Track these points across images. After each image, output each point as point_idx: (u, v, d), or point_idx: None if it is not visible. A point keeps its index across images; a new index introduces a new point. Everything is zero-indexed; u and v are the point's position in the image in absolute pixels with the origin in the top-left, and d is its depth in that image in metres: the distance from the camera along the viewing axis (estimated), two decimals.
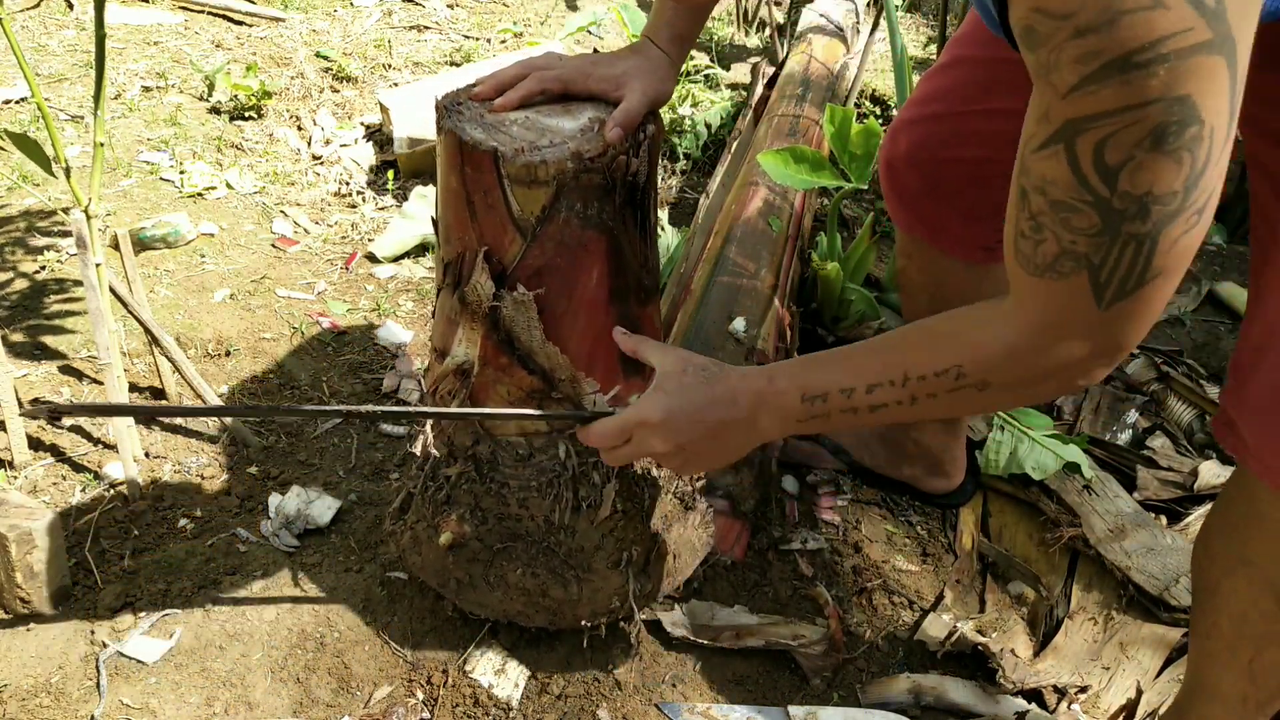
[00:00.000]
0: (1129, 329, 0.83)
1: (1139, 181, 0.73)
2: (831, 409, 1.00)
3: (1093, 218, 0.76)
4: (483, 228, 1.11)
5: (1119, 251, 0.77)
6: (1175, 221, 0.75)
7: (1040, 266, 0.82)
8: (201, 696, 1.35)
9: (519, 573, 1.29)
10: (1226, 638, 1.12)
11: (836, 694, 1.43)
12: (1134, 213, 0.75)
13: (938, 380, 0.94)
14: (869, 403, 0.98)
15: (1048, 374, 0.87)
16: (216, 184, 2.54)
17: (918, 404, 0.96)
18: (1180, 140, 0.72)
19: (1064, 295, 0.82)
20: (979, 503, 1.76)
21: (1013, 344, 0.88)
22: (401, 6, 3.67)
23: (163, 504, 1.64)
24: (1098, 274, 0.79)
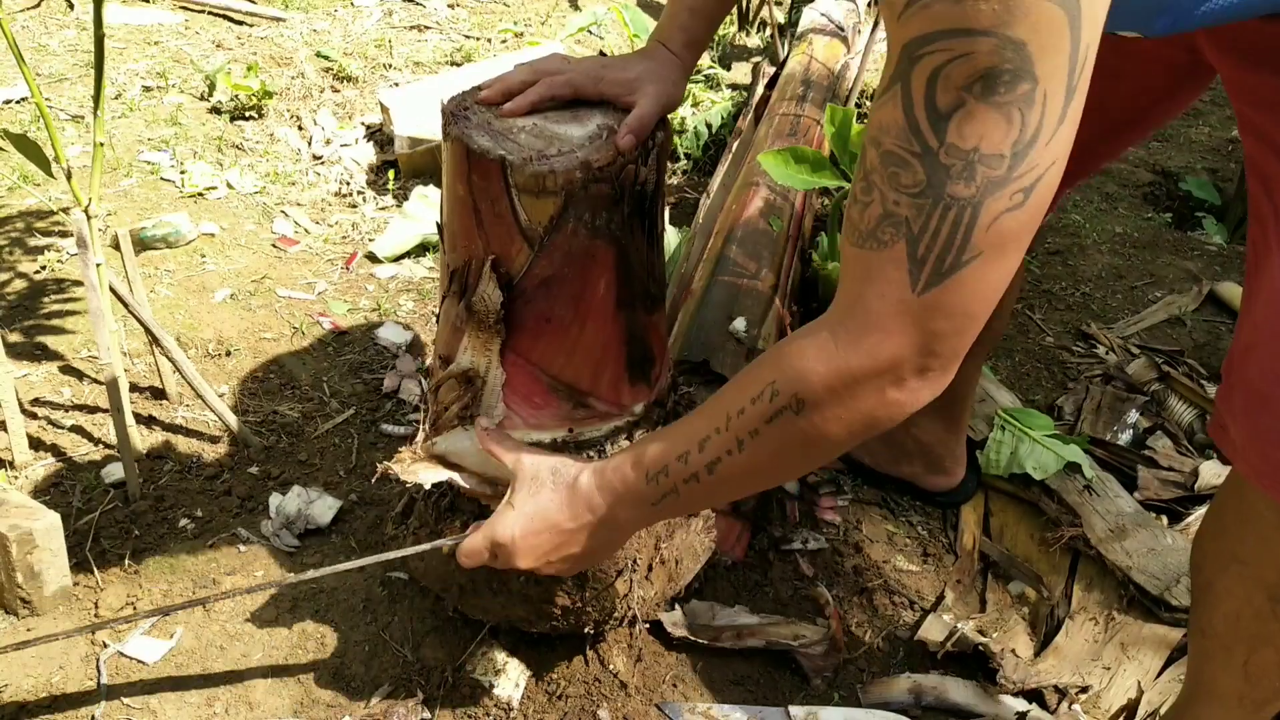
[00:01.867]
0: (946, 327, 0.78)
1: (967, 133, 0.71)
2: (675, 482, 0.96)
3: (919, 172, 0.74)
4: (490, 236, 1.11)
5: (939, 219, 0.74)
6: (999, 192, 0.73)
7: (863, 233, 0.78)
8: (202, 696, 1.35)
9: (522, 580, 1.28)
10: (1221, 637, 1.12)
11: (837, 694, 1.43)
12: (959, 170, 0.72)
13: (755, 409, 0.87)
14: (704, 462, 0.92)
15: (860, 379, 0.81)
16: (217, 184, 2.54)
17: (745, 448, 0.89)
18: (1012, 94, 0.70)
19: (879, 268, 0.78)
20: (980, 502, 1.76)
21: (821, 341, 0.83)
22: (402, 6, 3.66)
23: (163, 504, 1.63)
24: (916, 244, 0.75)
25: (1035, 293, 2.35)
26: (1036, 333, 2.22)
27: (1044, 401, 2.00)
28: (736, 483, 0.95)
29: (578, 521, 1.03)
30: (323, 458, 1.76)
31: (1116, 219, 2.70)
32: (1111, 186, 2.87)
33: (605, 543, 1.05)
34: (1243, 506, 1.05)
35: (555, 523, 1.03)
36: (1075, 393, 2.01)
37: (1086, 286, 2.40)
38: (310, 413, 1.85)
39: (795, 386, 0.84)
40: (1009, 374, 2.07)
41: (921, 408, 1.57)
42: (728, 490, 0.96)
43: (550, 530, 1.04)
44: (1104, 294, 2.37)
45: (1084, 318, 2.27)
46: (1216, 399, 1.06)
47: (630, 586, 1.30)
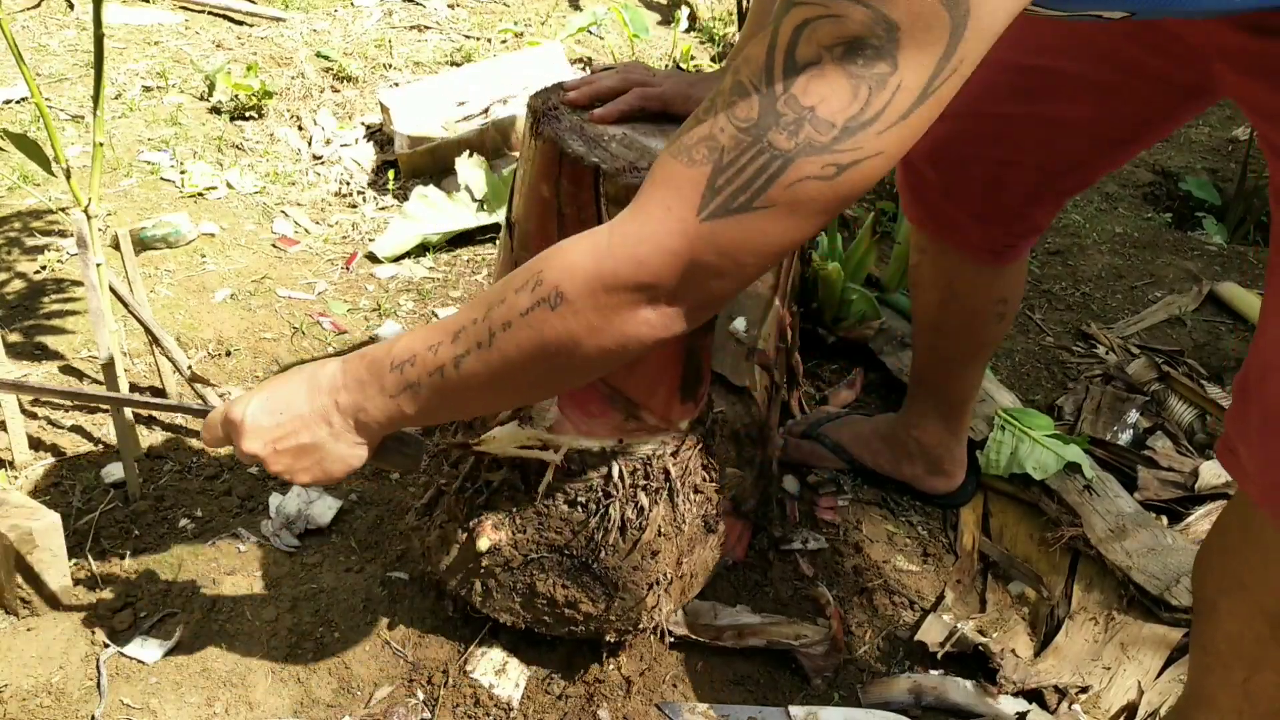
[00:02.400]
0: (712, 262, 0.77)
1: (811, 90, 0.71)
2: (420, 373, 0.90)
3: (753, 109, 0.73)
4: None
5: (750, 158, 0.74)
6: (813, 157, 0.72)
7: (682, 145, 0.78)
8: (202, 696, 1.35)
9: (549, 583, 1.28)
10: (1222, 655, 1.12)
11: (837, 694, 1.43)
12: (788, 122, 0.72)
13: (514, 299, 0.84)
14: (453, 355, 0.87)
15: (620, 284, 0.79)
16: (217, 184, 2.54)
17: (494, 342, 0.85)
18: (868, 70, 0.70)
19: (678, 183, 0.77)
20: (980, 502, 1.76)
21: (596, 238, 0.81)
22: (402, 6, 3.66)
23: (163, 504, 1.63)
24: (719, 174, 0.75)
25: (1035, 293, 2.35)
26: (1036, 333, 2.21)
27: (1044, 401, 2.00)
28: (480, 387, 0.89)
29: (312, 408, 0.95)
30: None
31: (1116, 219, 2.70)
32: (1111, 186, 2.87)
33: (340, 439, 0.96)
34: (1248, 530, 1.03)
35: (290, 407, 0.96)
36: (1075, 393, 2.01)
37: (1086, 286, 2.40)
38: None
39: (558, 277, 0.82)
40: (1009, 374, 2.07)
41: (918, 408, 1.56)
42: (469, 396, 0.91)
43: (283, 411, 0.96)
44: (1104, 294, 2.37)
45: (1084, 318, 2.27)
46: (1226, 420, 1.04)
47: (658, 600, 1.30)
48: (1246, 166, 2.76)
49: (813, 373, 2.04)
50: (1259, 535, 1.02)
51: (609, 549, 1.25)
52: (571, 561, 1.26)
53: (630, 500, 1.24)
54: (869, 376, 2.03)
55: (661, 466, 1.25)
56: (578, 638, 1.34)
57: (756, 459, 1.62)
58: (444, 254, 2.38)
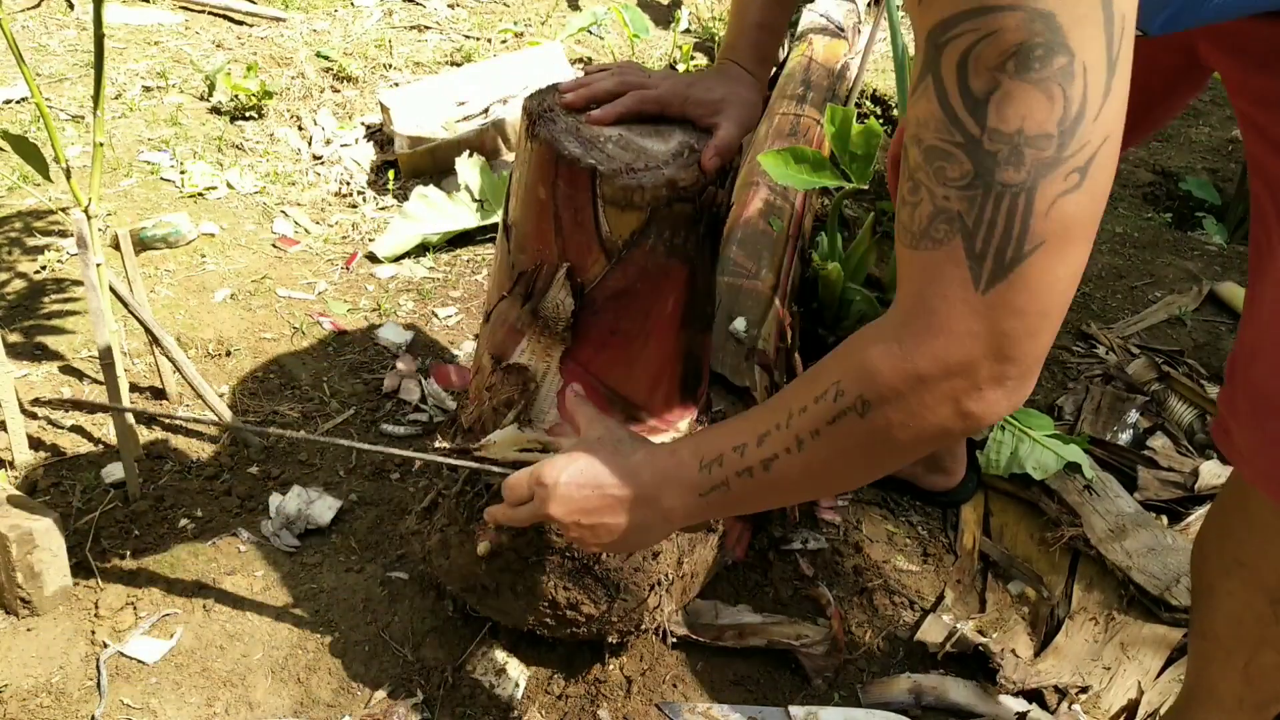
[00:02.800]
0: (1017, 327, 0.73)
1: (1008, 115, 0.68)
2: (728, 473, 0.91)
3: (965, 164, 0.70)
4: (567, 244, 1.10)
5: (993, 208, 0.70)
6: (1051, 174, 0.69)
7: (916, 234, 0.75)
8: (202, 696, 1.35)
9: (550, 585, 1.27)
10: (1222, 640, 1.12)
11: (837, 694, 1.43)
12: (1006, 155, 0.69)
13: (818, 409, 0.83)
14: (760, 457, 0.88)
15: (929, 384, 0.76)
16: (217, 184, 2.54)
17: (804, 448, 0.85)
18: (1047, 69, 0.67)
19: (937, 267, 0.73)
20: (980, 502, 1.76)
21: (887, 343, 0.78)
22: (402, 6, 3.66)
23: (163, 504, 1.63)
24: (972, 239, 0.71)
25: None
26: None
27: (1044, 401, 2.00)
28: (791, 484, 0.89)
29: (622, 490, 0.98)
30: (323, 458, 1.76)
31: (1116, 219, 2.70)
32: (1111, 186, 2.86)
33: (643, 524, 0.99)
34: (1245, 510, 1.05)
35: (601, 483, 0.98)
36: (1075, 393, 2.01)
37: (1086, 286, 2.40)
38: (310, 413, 1.85)
39: (861, 387, 0.80)
40: None
41: None
42: (780, 491, 0.91)
43: (594, 488, 0.98)
44: (1104, 294, 2.37)
45: (1084, 318, 2.27)
46: (1219, 402, 1.06)
47: (660, 600, 1.30)
48: (1246, 167, 2.76)
49: None
50: (1256, 514, 1.03)
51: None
52: (573, 563, 1.26)
53: None
54: None
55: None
56: (579, 639, 1.34)
57: None
58: (444, 254, 2.38)
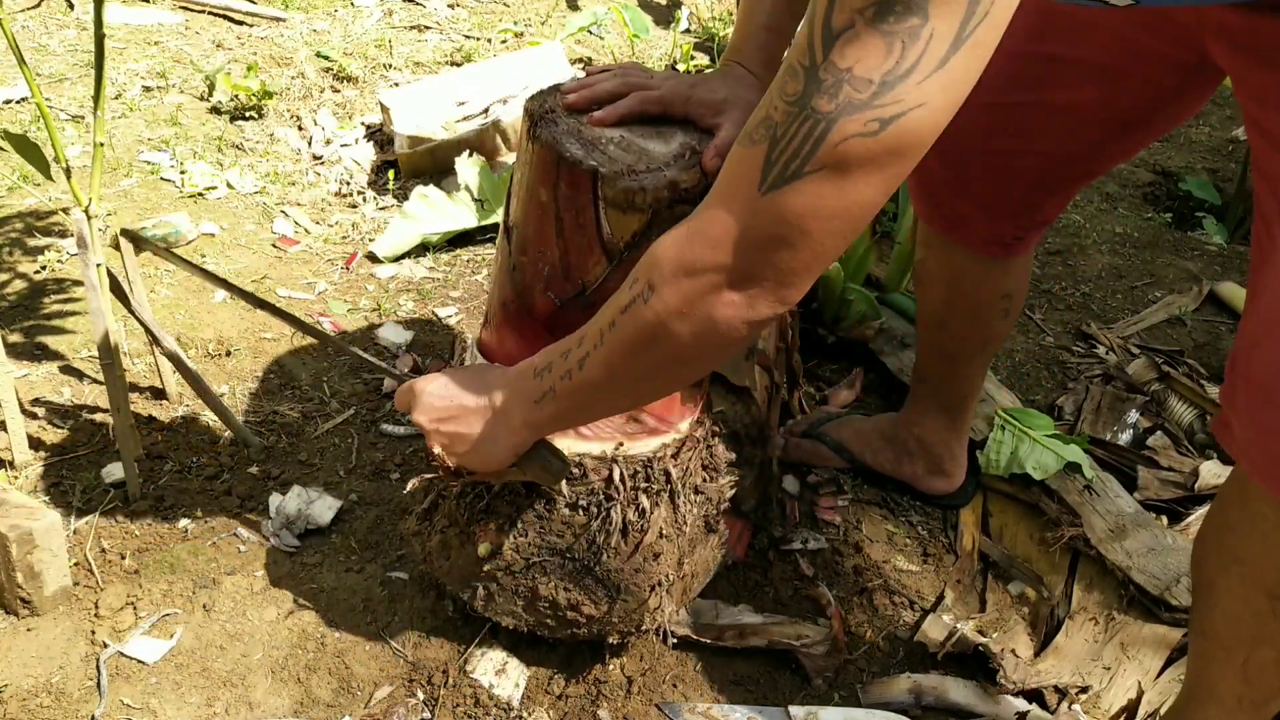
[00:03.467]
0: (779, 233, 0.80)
1: (847, 53, 0.74)
2: (554, 379, 0.98)
3: (800, 83, 0.77)
4: (568, 245, 1.10)
5: (798, 126, 0.77)
6: (855, 115, 0.75)
7: (745, 133, 0.82)
8: (202, 696, 1.35)
9: (551, 586, 1.27)
10: (1221, 637, 1.12)
11: (837, 694, 1.43)
12: (828, 86, 0.75)
13: (617, 299, 0.91)
14: (578, 358, 0.95)
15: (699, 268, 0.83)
16: (217, 184, 2.54)
17: (604, 341, 0.92)
18: (900, 24, 0.72)
19: (741, 164, 0.81)
20: (979, 502, 1.76)
21: (679, 228, 0.87)
22: (402, 6, 3.66)
23: (163, 504, 1.63)
24: (774, 147, 0.78)
25: (1035, 293, 2.35)
26: (1036, 333, 2.21)
27: (1044, 401, 2.00)
28: (598, 388, 0.95)
29: (473, 400, 1.07)
30: (323, 458, 1.76)
31: (1116, 219, 2.70)
32: (1111, 186, 2.87)
33: (489, 435, 1.07)
34: (1245, 505, 1.05)
35: (460, 394, 1.08)
36: (1075, 393, 2.01)
37: (1086, 286, 2.40)
38: (310, 413, 1.85)
39: (649, 271, 0.87)
40: (1009, 374, 2.07)
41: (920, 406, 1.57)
42: (592, 399, 0.97)
43: (453, 399, 1.08)
44: (1104, 294, 2.37)
45: (1084, 318, 2.27)
46: (1220, 396, 1.06)
47: (661, 600, 1.30)
48: (1247, 166, 2.76)
49: (813, 373, 2.04)
50: (1256, 509, 1.03)
51: (611, 551, 1.24)
52: (573, 564, 1.26)
53: (631, 503, 1.24)
54: (869, 376, 2.03)
55: (662, 469, 1.25)
56: (580, 640, 1.34)
57: (756, 459, 1.62)
58: (444, 254, 2.38)
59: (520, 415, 1.04)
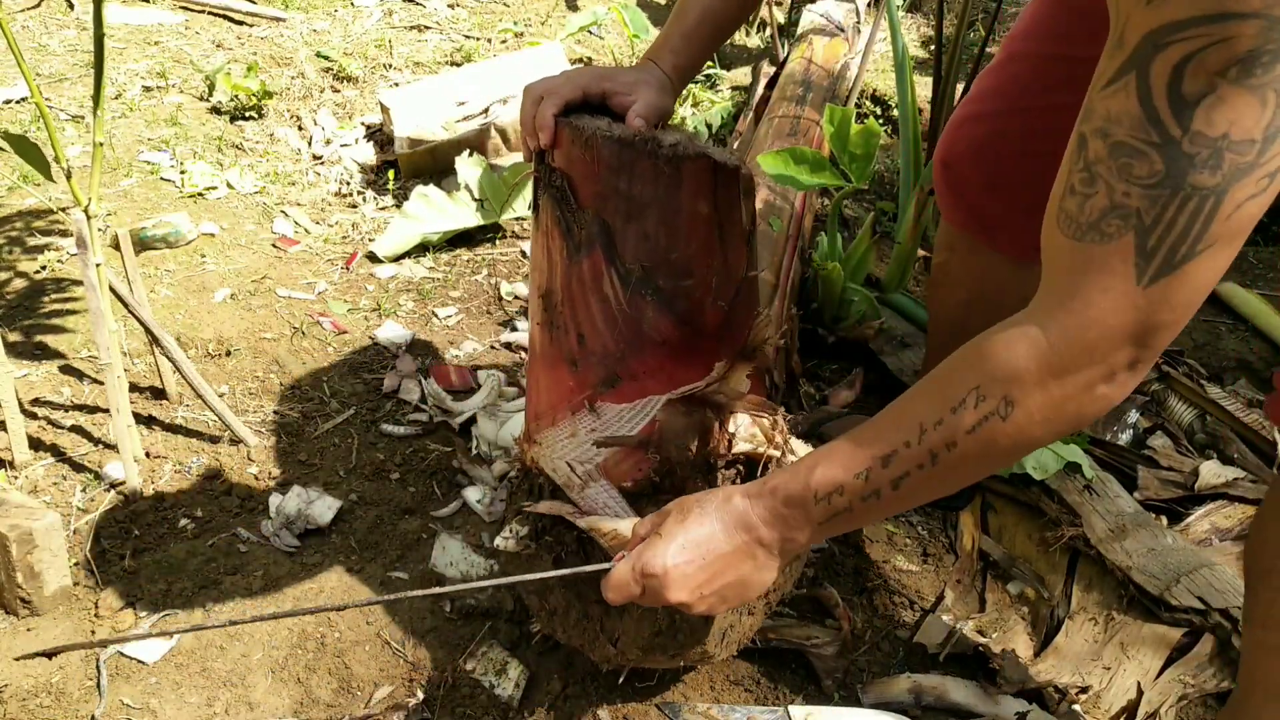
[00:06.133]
0: (1168, 319, 0.75)
1: (1216, 120, 0.68)
2: (851, 500, 0.89)
3: (1156, 163, 0.70)
4: (727, 251, 1.10)
5: (1176, 209, 0.70)
6: (1245, 179, 0.69)
7: (1083, 226, 0.75)
8: (202, 696, 1.35)
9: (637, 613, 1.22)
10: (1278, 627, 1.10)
11: (837, 694, 1.43)
12: (1204, 159, 0.69)
13: (955, 419, 0.82)
14: (889, 478, 0.87)
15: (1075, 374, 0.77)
16: (217, 184, 2.54)
17: (939, 462, 0.84)
18: (1269, 75, 0.66)
19: (1101, 262, 0.74)
20: (979, 503, 1.76)
21: (1033, 338, 0.79)
22: (402, 6, 3.66)
23: (163, 504, 1.63)
24: (1146, 236, 0.72)
25: None
26: None
27: None
28: (919, 496, 0.88)
29: (734, 546, 0.95)
30: (323, 458, 1.76)
31: None
32: None
33: (764, 569, 0.97)
34: None
35: (711, 549, 0.95)
36: None
37: None
38: (310, 413, 1.85)
39: (1005, 388, 0.80)
40: None
41: None
42: (907, 505, 0.91)
43: (706, 558, 0.95)
44: None
45: None
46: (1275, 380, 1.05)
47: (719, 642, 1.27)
48: None
49: (813, 373, 2.04)
50: None
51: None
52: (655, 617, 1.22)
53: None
54: (869, 376, 2.03)
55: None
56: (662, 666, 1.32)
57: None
58: (444, 254, 2.38)
59: (802, 540, 0.94)
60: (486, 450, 1.77)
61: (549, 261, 1.15)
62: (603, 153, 1.07)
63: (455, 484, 1.72)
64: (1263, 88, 0.67)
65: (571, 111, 1.12)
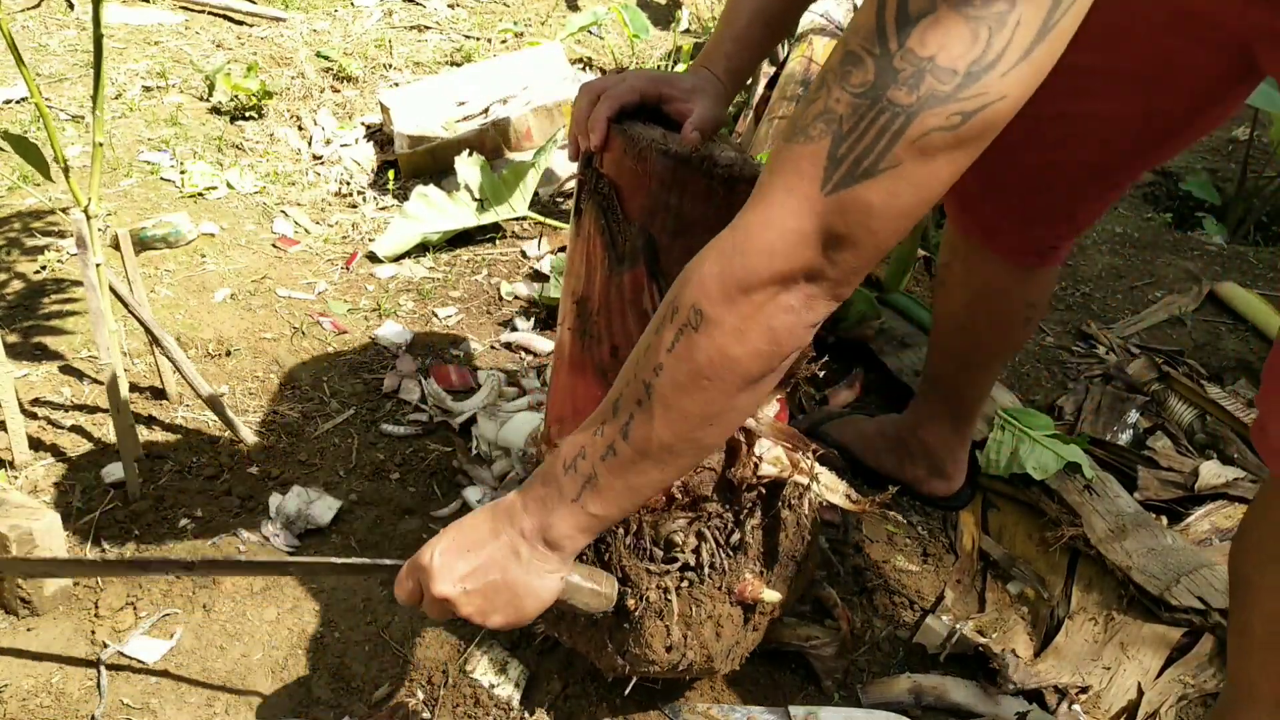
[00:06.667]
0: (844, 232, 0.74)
1: (928, 40, 0.69)
2: (593, 462, 0.85)
3: (869, 71, 0.71)
4: None
5: (870, 120, 0.71)
6: (938, 108, 0.70)
7: (797, 129, 0.75)
8: (202, 696, 1.35)
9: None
10: (1259, 636, 1.12)
11: (837, 694, 1.43)
12: (907, 76, 0.70)
13: (657, 339, 0.80)
14: (619, 426, 0.83)
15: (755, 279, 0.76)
16: (217, 184, 2.54)
17: (653, 393, 0.81)
18: (986, 9, 0.68)
19: (794, 163, 0.74)
20: (979, 503, 1.76)
21: (720, 242, 0.78)
22: (402, 6, 3.66)
23: (163, 504, 1.63)
24: (840, 143, 0.72)
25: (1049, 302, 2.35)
26: (1036, 333, 2.21)
27: (1044, 401, 2.00)
28: (655, 451, 0.84)
29: (496, 536, 0.91)
30: (323, 458, 1.76)
31: (1116, 219, 2.70)
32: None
33: (531, 572, 0.92)
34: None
35: (475, 540, 0.92)
36: (1075, 393, 2.01)
37: (1086, 286, 2.40)
38: (310, 413, 1.85)
39: (693, 295, 0.79)
40: (1009, 374, 2.07)
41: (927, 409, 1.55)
42: (648, 467, 0.85)
43: (469, 549, 0.91)
44: (1104, 294, 2.37)
45: (1084, 318, 2.27)
46: (1258, 401, 1.05)
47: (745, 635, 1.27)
48: (1246, 166, 2.76)
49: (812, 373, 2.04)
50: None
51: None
52: None
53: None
54: (869, 376, 2.03)
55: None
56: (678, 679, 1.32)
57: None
58: (444, 254, 2.38)
59: (560, 528, 0.89)
60: (486, 450, 1.77)
61: (588, 268, 1.13)
62: (656, 166, 1.04)
63: (455, 484, 1.72)
64: (977, 20, 0.68)
65: (625, 116, 1.10)
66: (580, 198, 1.13)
